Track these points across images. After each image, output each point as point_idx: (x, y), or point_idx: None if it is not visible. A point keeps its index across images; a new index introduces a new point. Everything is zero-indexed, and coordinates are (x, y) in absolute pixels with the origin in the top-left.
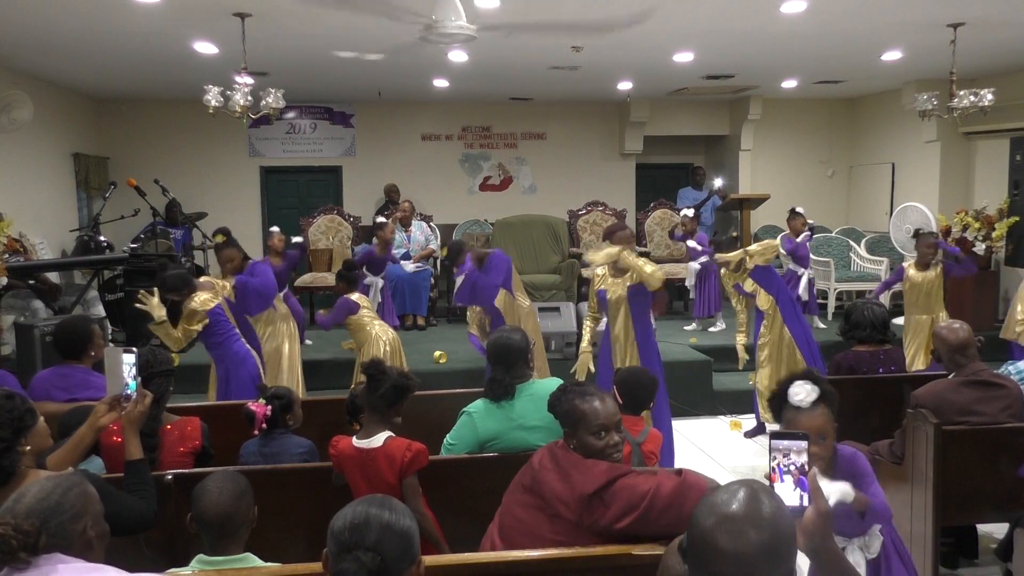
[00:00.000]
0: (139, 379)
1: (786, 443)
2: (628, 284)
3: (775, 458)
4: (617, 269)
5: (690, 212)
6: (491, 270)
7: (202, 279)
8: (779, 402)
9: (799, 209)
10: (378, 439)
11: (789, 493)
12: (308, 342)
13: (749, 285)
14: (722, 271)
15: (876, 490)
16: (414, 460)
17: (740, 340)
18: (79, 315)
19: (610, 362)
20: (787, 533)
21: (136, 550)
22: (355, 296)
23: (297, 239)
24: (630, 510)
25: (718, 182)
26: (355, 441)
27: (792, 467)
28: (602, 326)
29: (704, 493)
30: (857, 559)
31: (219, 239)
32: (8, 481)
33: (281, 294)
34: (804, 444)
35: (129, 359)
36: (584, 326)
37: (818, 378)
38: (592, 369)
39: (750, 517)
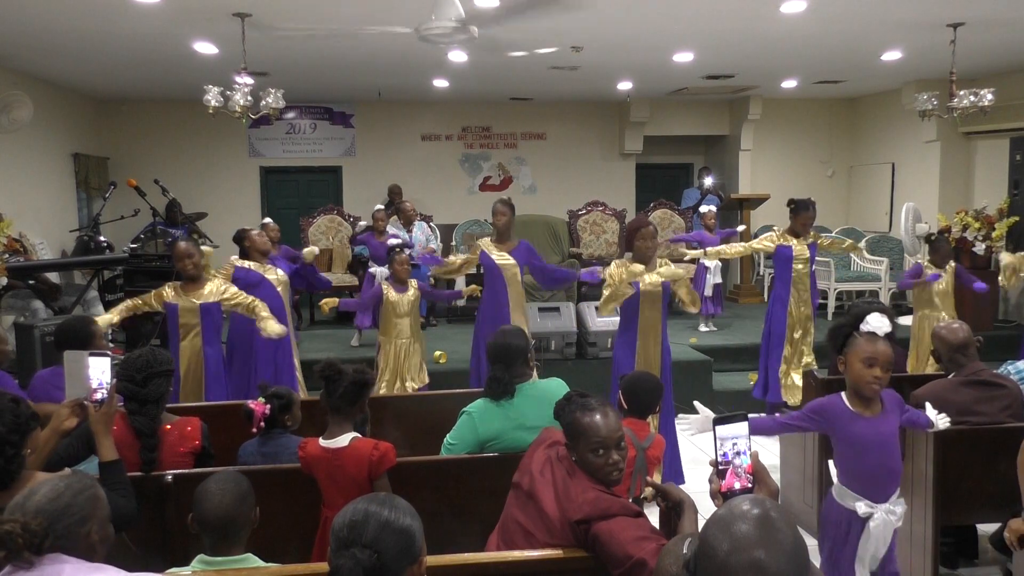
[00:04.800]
0: (114, 381)
1: (730, 427)
2: (660, 279)
3: (722, 443)
4: (645, 260)
5: (705, 208)
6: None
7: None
8: (849, 330)
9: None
10: (343, 439)
11: (736, 475)
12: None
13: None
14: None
15: (915, 412)
16: (383, 459)
17: None
18: (80, 315)
19: (631, 359)
20: (803, 558)
21: (123, 547)
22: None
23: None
24: (609, 562)
25: (708, 181)
26: (321, 442)
27: (738, 449)
28: (613, 324)
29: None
30: (883, 522)
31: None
32: (11, 484)
33: None
34: (745, 425)
35: (97, 363)
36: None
37: (889, 312)
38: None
39: (767, 544)
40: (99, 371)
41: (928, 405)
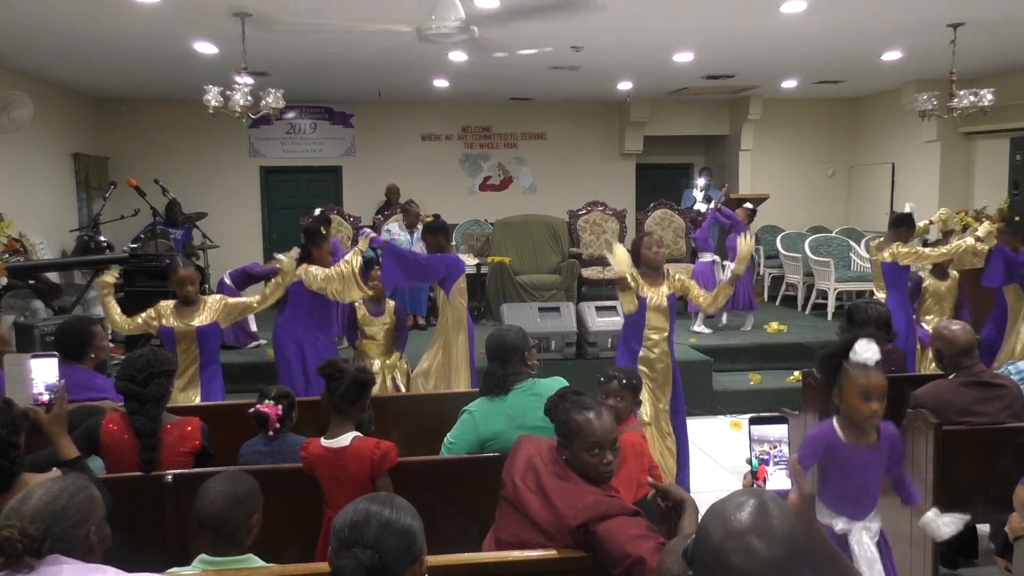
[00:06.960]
0: (62, 381)
1: (766, 427)
2: (667, 292)
3: (757, 445)
4: (657, 267)
5: (703, 207)
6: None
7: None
8: (839, 360)
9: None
10: (345, 439)
11: (773, 478)
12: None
13: None
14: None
15: (908, 480)
16: (384, 458)
17: None
18: (81, 316)
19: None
20: (798, 546)
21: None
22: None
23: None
24: (608, 561)
25: (701, 182)
26: (323, 442)
27: (775, 452)
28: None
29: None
30: (864, 540)
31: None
32: (13, 485)
33: None
34: (784, 428)
35: (42, 364)
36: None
37: (879, 339)
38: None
39: (760, 531)
40: (45, 373)
41: (947, 520)
